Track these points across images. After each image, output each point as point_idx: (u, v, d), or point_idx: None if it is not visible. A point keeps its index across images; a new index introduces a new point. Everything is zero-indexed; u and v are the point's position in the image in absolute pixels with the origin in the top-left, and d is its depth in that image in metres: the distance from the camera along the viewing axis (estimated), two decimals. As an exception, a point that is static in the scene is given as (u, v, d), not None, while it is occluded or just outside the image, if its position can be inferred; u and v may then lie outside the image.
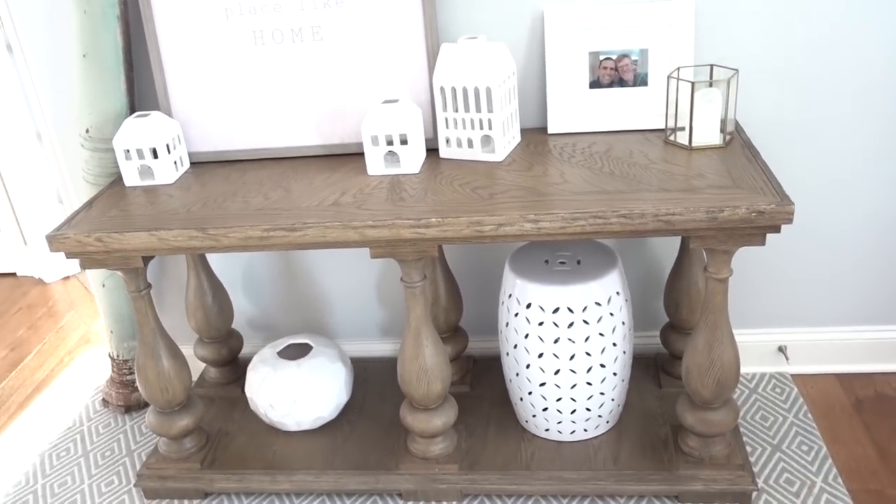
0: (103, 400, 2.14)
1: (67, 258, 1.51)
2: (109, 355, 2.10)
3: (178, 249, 1.46)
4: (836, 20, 1.64)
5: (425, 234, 1.38)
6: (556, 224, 1.35)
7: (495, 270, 1.98)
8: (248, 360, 2.00)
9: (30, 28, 1.78)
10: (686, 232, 1.35)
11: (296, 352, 1.88)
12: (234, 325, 2.05)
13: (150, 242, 1.45)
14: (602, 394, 1.67)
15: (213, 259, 2.00)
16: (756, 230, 1.33)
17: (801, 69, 1.69)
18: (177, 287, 2.09)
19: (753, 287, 1.93)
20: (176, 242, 1.44)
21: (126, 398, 2.09)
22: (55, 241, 1.47)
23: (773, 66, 1.69)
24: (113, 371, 2.10)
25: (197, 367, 2.07)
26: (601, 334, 1.61)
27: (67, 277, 3.01)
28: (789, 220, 1.30)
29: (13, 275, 3.05)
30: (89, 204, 1.59)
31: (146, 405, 2.08)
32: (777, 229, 1.32)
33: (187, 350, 1.95)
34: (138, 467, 1.89)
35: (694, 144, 1.54)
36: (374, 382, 2.01)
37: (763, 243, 1.35)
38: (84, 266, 1.52)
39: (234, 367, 2.06)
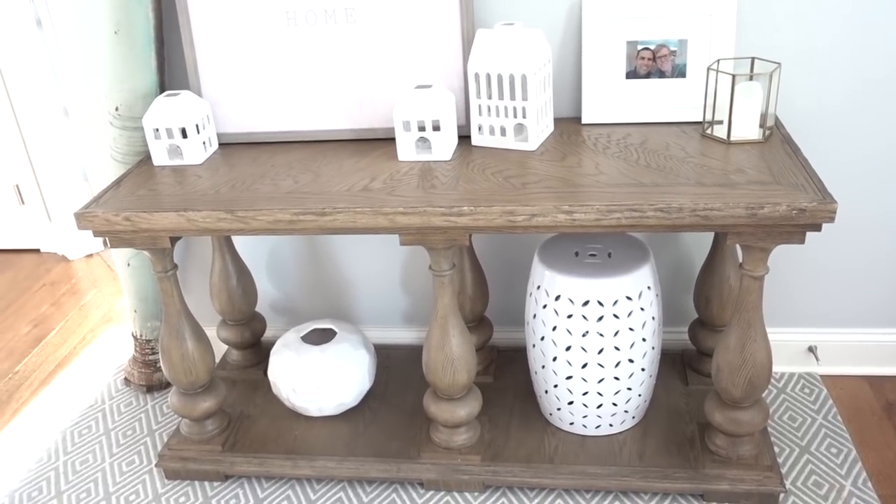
0: (125, 379, 2.14)
1: (95, 236, 1.50)
2: (132, 335, 2.09)
3: (207, 231, 1.45)
4: (881, 14, 1.60)
5: (457, 222, 1.36)
6: (590, 216, 1.32)
7: (522, 260, 1.96)
8: (270, 344, 2.00)
9: (60, 2, 1.77)
10: (724, 228, 1.32)
11: (319, 337, 1.87)
12: (257, 308, 2.05)
13: (178, 223, 1.43)
14: (629, 389, 1.65)
15: (238, 241, 1.99)
16: (796, 228, 1.30)
17: (843, 64, 1.65)
18: (201, 268, 2.09)
19: (784, 285, 1.90)
20: (204, 224, 1.43)
21: (148, 378, 2.09)
22: (83, 219, 1.46)
23: (815, 61, 1.65)
24: (135, 350, 2.10)
25: (219, 349, 2.06)
26: (631, 329, 1.58)
27: (91, 255, 3.01)
28: (831, 219, 1.27)
29: (37, 251, 3.06)
30: (118, 182, 1.58)
31: (168, 385, 2.07)
32: (818, 228, 1.29)
33: (210, 332, 1.93)
34: (159, 447, 1.89)
35: (732, 139, 1.51)
36: (396, 370, 2.00)
37: (803, 241, 1.32)
38: (112, 245, 1.51)
39: (256, 350, 2.06)
